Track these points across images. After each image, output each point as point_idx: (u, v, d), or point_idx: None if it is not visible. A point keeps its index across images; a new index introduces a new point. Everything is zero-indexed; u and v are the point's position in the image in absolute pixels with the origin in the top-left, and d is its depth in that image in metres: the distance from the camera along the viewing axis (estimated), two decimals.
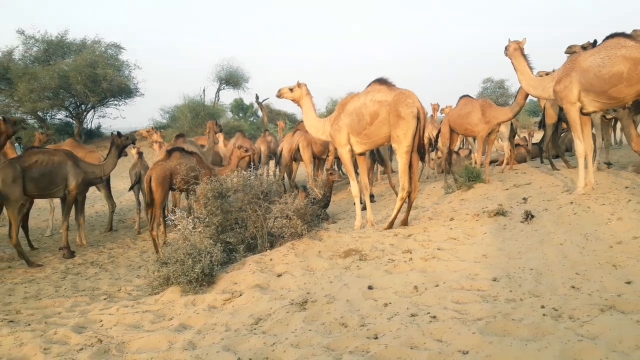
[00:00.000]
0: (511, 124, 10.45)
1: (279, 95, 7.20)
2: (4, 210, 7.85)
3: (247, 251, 6.02)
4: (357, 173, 7.22)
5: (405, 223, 6.36)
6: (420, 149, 6.24)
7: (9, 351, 4.16)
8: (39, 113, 26.08)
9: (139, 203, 10.35)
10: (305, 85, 7.15)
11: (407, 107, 6.04)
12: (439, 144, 10.84)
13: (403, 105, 6.05)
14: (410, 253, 5.00)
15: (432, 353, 2.93)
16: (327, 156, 11.70)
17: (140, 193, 10.28)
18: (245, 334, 3.69)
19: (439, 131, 10.94)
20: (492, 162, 10.60)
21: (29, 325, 4.89)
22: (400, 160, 6.17)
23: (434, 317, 3.42)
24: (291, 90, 7.10)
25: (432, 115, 13.76)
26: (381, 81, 6.48)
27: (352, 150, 6.72)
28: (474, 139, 10.69)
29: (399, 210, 6.28)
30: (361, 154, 6.83)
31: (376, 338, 3.27)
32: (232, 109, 35.50)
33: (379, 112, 6.20)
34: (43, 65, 25.76)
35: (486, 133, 8.84)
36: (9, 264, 7.98)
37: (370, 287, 4.21)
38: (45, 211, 11.65)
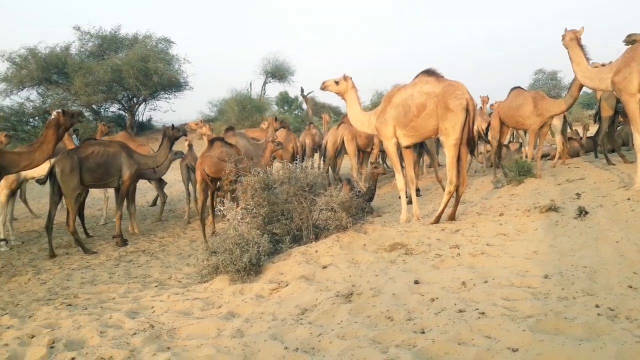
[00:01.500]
0: (564, 117, 10.09)
1: (324, 87, 7.20)
2: (63, 199, 8.22)
3: (292, 242, 6.09)
4: (402, 166, 7.16)
5: (452, 218, 6.27)
6: (470, 141, 6.13)
7: (68, 333, 4.37)
8: (94, 106, 27.14)
9: (188, 194, 10.62)
10: (351, 78, 7.13)
11: (456, 99, 5.93)
12: (489, 137, 10.59)
13: (452, 97, 5.95)
14: (458, 248, 4.93)
15: (480, 349, 2.89)
16: (372, 149, 11.64)
17: (190, 184, 10.56)
18: (292, 324, 3.75)
19: (489, 124, 10.69)
20: (543, 156, 10.28)
21: (86, 309, 5.13)
22: (448, 154, 6.07)
23: (483, 313, 3.37)
24: (336, 83, 7.09)
25: (481, 107, 13.45)
26: (429, 72, 6.39)
27: (398, 143, 6.67)
28: (525, 132, 10.39)
29: (446, 205, 6.19)
30: (407, 147, 6.77)
31: (423, 332, 3.26)
32: (277, 102, 35.81)
33: (427, 104, 6.12)
34: (97, 59, 26.83)
35: (538, 126, 8.57)
36: (67, 250, 8.39)
37: (416, 282, 4.18)
38: (100, 201, 12.17)
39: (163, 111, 29.99)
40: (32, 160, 7.10)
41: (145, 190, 14.34)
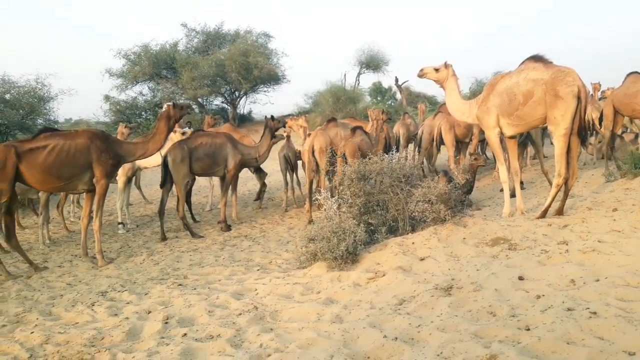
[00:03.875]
0: None
1: (422, 74, 7.07)
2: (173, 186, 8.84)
3: (388, 233, 6.09)
4: (505, 157, 6.87)
5: (560, 212, 5.92)
6: (581, 131, 5.74)
7: (180, 311, 4.73)
8: (199, 99, 28.74)
9: (286, 183, 10.97)
10: (451, 65, 6.95)
11: (567, 86, 5.58)
12: (602, 127, 9.81)
13: (562, 83, 5.60)
14: (567, 244, 4.66)
15: (592, 350, 2.73)
16: (471, 140, 11.26)
17: (288, 173, 10.90)
18: (390, 313, 3.77)
19: (601, 113, 9.90)
20: None
21: (195, 289, 5.51)
22: (557, 144, 5.74)
23: (594, 313, 3.17)
24: (436, 70, 6.94)
25: (592, 95, 12.48)
26: (536, 58, 6.06)
27: (501, 133, 6.41)
28: None
29: (553, 199, 5.86)
30: (511, 137, 6.48)
31: (528, 330, 3.14)
32: (370, 92, 35.65)
33: (534, 92, 5.82)
34: (203, 55, 28.37)
35: None
36: (176, 234, 9.03)
37: (520, 278, 4.02)
38: (206, 188, 12.92)
39: (262, 104, 31.07)
40: (146, 150, 7.71)
41: (246, 179, 15.01)
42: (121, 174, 9.43)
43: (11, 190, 6.79)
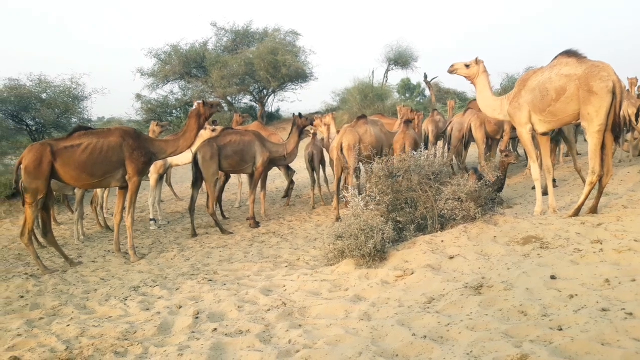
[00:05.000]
0: None
1: (452, 70, 6.99)
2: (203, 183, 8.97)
3: (416, 231, 6.04)
4: (537, 154, 6.73)
5: (594, 210, 5.77)
6: (616, 127, 5.58)
7: (210, 305, 4.80)
8: (228, 97, 29.06)
9: (313, 180, 11.00)
10: (482, 61, 6.85)
11: (601, 81, 5.43)
12: (638, 123, 9.52)
13: (596, 78, 5.46)
14: (601, 243, 4.54)
15: (627, 352, 2.66)
16: (502, 136, 11.08)
17: (313, 171, 10.93)
18: (419, 312, 3.75)
19: (638, 109, 9.60)
20: None
21: (224, 284, 5.59)
22: (591, 141, 5.60)
23: (630, 313, 3.09)
24: (467, 66, 6.85)
25: (628, 90, 12.10)
26: (569, 53, 5.92)
27: (533, 130, 6.29)
28: None
29: (587, 196, 5.72)
30: (544, 134, 6.35)
31: (560, 329, 3.08)
32: (398, 89, 35.40)
33: (567, 87, 5.69)
34: (231, 53, 28.65)
35: None
36: (206, 230, 9.16)
37: (552, 277, 3.94)
38: (234, 185, 13.05)
39: (290, 101, 31.22)
40: (177, 147, 7.84)
41: (274, 177, 15.10)
42: (153, 171, 9.61)
43: (47, 187, 7.00)
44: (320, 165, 11.29)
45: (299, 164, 11.89)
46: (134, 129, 7.97)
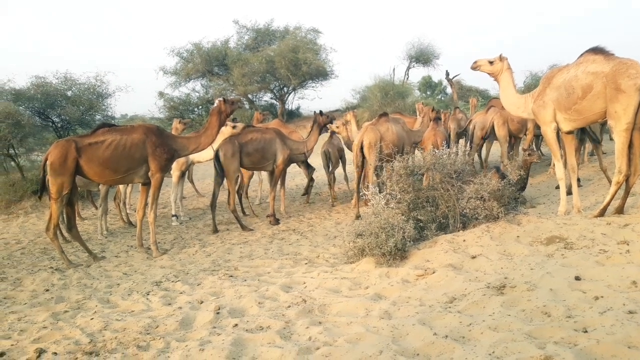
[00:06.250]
0: None
1: (475, 67, 6.91)
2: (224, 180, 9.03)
3: (438, 230, 5.99)
4: (561, 153, 6.61)
5: (620, 211, 5.64)
6: None
7: (231, 301, 4.84)
8: (249, 95, 29.22)
9: (333, 178, 11.00)
10: (507, 58, 6.76)
11: (629, 79, 5.31)
12: None
13: (624, 76, 5.34)
14: (628, 244, 4.44)
15: None
16: (525, 135, 10.92)
17: (330, 169, 10.94)
18: (440, 311, 3.72)
19: None
20: None
21: (245, 281, 5.62)
22: (618, 140, 5.47)
23: None
24: (490, 62, 6.76)
25: None
26: (596, 50, 5.80)
27: (557, 128, 6.18)
28: None
29: (613, 196, 5.60)
30: (569, 132, 6.24)
31: (585, 332, 3.02)
32: (419, 87, 35.14)
33: (593, 85, 5.58)
34: (253, 52, 28.80)
35: None
36: (227, 227, 9.24)
37: (577, 278, 3.87)
38: (255, 182, 13.12)
39: (310, 99, 31.41)
40: (198, 145, 7.91)
41: (294, 174, 15.14)
42: (175, 167, 9.72)
43: (72, 183, 7.13)
44: (341, 163, 11.28)
45: (320, 161, 11.89)
46: (157, 126, 8.07)
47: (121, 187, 10.17)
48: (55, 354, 3.94)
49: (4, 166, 14.54)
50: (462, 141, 13.47)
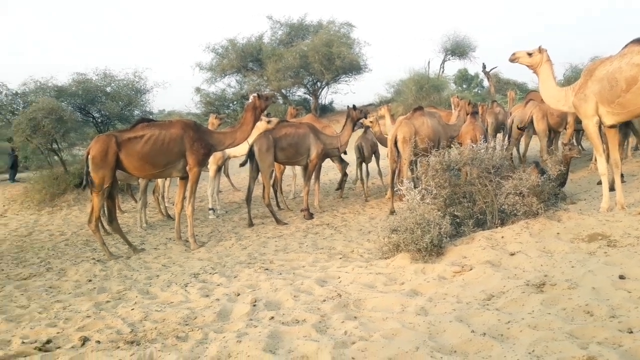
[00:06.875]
0: None
1: (514, 59, 6.75)
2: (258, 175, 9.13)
3: (475, 226, 5.90)
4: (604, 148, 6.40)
5: None
6: None
7: (267, 294, 4.90)
8: (283, 90, 29.37)
9: (367, 173, 10.97)
10: (546, 50, 6.58)
11: None
12: None
13: None
14: None
15: None
16: (565, 129, 10.62)
17: (364, 164, 10.90)
18: (478, 308, 3.67)
19: None
20: None
21: (280, 274, 5.68)
22: None
23: None
24: (529, 54, 6.59)
25: None
26: None
27: (600, 122, 5.99)
28: None
29: None
30: (612, 127, 6.04)
31: (631, 332, 2.93)
32: (455, 80, 34.56)
33: (638, 77, 5.38)
34: (287, 46, 28.91)
35: None
36: (262, 220, 9.34)
37: (621, 277, 3.76)
38: (289, 177, 13.22)
39: (343, 93, 31.32)
40: (234, 139, 8.03)
41: (327, 169, 15.16)
42: (212, 162, 9.88)
43: (112, 177, 7.34)
44: (374, 158, 11.22)
45: (352, 156, 11.87)
46: (194, 122, 8.22)
47: (160, 181, 10.41)
48: (98, 342, 4.08)
49: (48, 160, 15.07)
50: (499, 135, 13.23)
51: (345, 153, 9.94)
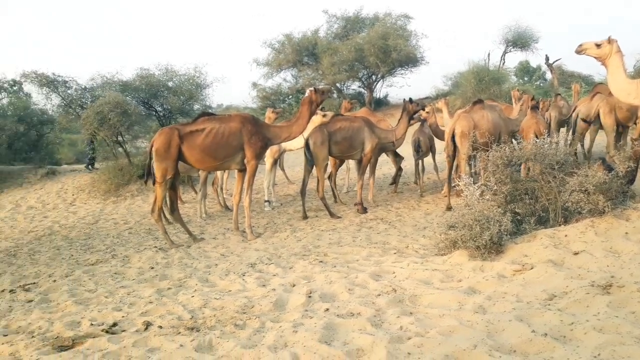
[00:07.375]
0: None
1: (580, 50, 6.45)
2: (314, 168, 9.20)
3: (537, 224, 5.70)
4: None
5: None
6: None
7: (322, 286, 4.95)
8: (337, 84, 29.37)
9: (423, 168, 10.81)
10: (616, 41, 6.24)
11: None
12: None
13: None
14: None
15: None
16: (635, 124, 10.05)
17: (421, 158, 10.74)
18: (539, 308, 3.56)
19: None
20: None
21: (335, 267, 5.72)
22: None
23: None
24: (597, 45, 6.27)
25: None
26: None
27: None
28: None
29: None
30: None
31: None
32: (516, 72, 33.34)
33: None
34: (342, 40, 28.87)
35: None
36: (316, 213, 9.41)
37: None
38: (342, 171, 13.25)
39: (399, 87, 30.81)
40: (290, 133, 8.13)
41: (381, 163, 15.05)
42: (269, 155, 10.05)
43: (175, 168, 7.62)
44: (431, 153, 11.05)
45: (408, 150, 11.72)
46: (252, 116, 8.40)
47: (219, 173, 10.70)
48: (160, 327, 4.27)
49: (113, 152, 15.81)
50: (563, 130, 12.70)
51: (393, 145, 9.81)
